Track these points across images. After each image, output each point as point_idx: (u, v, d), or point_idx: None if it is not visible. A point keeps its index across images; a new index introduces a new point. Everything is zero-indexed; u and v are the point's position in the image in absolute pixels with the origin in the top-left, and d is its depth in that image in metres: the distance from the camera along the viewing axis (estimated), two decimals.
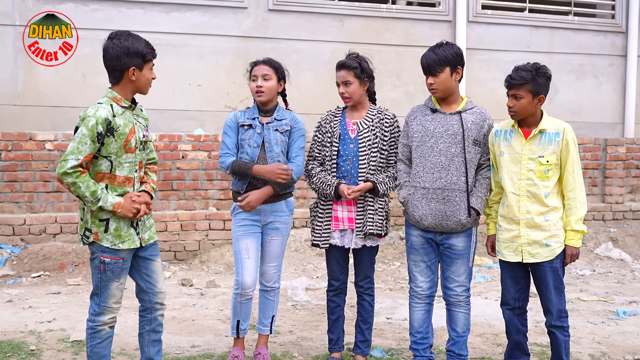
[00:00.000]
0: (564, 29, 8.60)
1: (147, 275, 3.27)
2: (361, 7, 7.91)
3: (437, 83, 3.55)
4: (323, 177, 3.81)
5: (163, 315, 3.38)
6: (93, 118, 2.95)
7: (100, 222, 3.05)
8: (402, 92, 7.97)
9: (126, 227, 3.10)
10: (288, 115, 3.90)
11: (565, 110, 8.29)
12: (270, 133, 3.81)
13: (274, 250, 3.91)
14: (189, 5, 7.33)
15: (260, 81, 3.79)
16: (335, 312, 3.95)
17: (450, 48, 3.56)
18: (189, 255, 6.84)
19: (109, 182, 3.06)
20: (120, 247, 3.07)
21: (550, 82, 3.47)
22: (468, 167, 3.57)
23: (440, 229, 3.60)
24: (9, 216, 6.47)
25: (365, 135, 3.78)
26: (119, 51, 3.04)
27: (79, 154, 2.92)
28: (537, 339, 4.51)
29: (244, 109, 3.97)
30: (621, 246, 7.65)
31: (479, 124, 3.59)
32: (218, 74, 7.41)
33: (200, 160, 6.96)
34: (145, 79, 3.14)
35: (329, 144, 3.83)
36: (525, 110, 3.44)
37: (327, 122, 3.88)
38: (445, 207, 3.56)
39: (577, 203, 3.45)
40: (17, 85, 6.95)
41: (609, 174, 8.25)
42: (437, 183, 3.57)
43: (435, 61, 3.52)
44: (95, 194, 2.95)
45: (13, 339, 4.31)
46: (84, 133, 2.94)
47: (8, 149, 6.50)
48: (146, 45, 3.11)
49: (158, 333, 3.36)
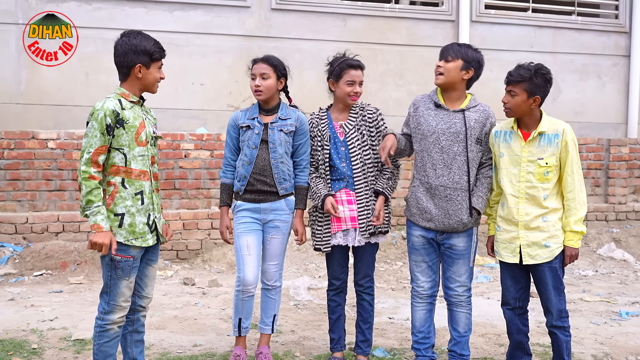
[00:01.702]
0: (567, 28, 8.58)
1: (139, 278, 3.28)
2: (364, 6, 7.90)
3: (445, 68, 3.54)
4: (315, 185, 3.82)
5: (145, 317, 3.40)
6: (101, 111, 3.00)
7: (116, 216, 3.06)
8: (404, 91, 7.96)
9: (142, 224, 3.12)
10: (292, 114, 3.89)
11: (568, 110, 8.27)
12: (274, 133, 3.81)
13: (274, 249, 3.91)
14: (192, 5, 7.33)
15: (258, 80, 3.80)
16: (336, 312, 3.95)
17: (474, 51, 3.58)
18: (191, 254, 6.84)
19: (125, 175, 3.09)
20: (134, 243, 3.08)
21: (549, 85, 3.44)
22: (470, 166, 3.56)
23: (441, 227, 3.59)
24: (12, 214, 6.47)
25: (353, 136, 3.78)
26: (126, 48, 3.09)
27: (90, 148, 2.98)
28: (539, 339, 4.50)
29: (247, 107, 3.98)
30: (624, 247, 7.63)
31: (481, 122, 3.58)
32: (221, 73, 7.41)
33: (203, 159, 6.95)
34: (153, 77, 3.17)
35: (320, 147, 3.84)
36: (519, 109, 3.42)
37: (314, 127, 3.88)
38: (448, 205, 3.55)
39: (577, 204, 3.44)
40: (20, 84, 6.95)
41: (612, 174, 8.23)
42: (439, 180, 3.56)
43: (453, 49, 3.55)
44: (90, 203, 2.97)
45: (15, 338, 4.31)
46: (94, 126, 2.99)
47: (11, 148, 6.51)
48: (154, 45, 3.15)
49: (140, 333, 3.38)
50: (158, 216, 3.25)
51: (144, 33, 3.17)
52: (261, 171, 3.79)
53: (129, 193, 3.09)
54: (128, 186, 3.09)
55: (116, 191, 3.07)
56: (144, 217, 3.13)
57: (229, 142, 3.93)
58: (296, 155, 3.91)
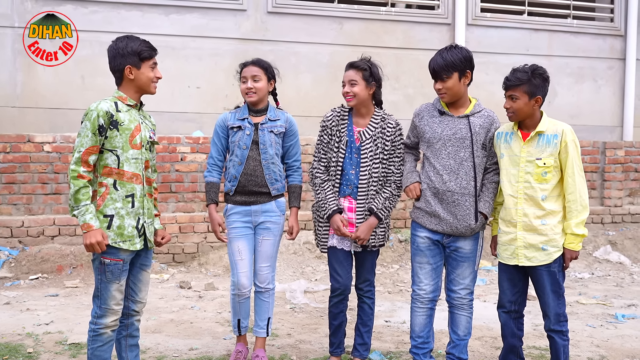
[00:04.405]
0: (563, 32, 8.61)
1: (132, 283, 3.27)
2: (360, 9, 7.92)
3: (445, 88, 3.51)
4: (324, 195, 3.78)
5: (139, 321, 3.38)
6: (95, 111, 3.01)
7: (105, 217, 3.06)
8: (401, 95, 7.97)
9: (130, 227, 3.10)
10: (281, 115, 3.92)
11: (564, 114, 8.28)
12: (265, 134, 3.83)
13: (266, 251, 3.92)
14: (188, 8, 7.34)
15: (250, 82, 3.83)
16: (338, 318, 3.93)
17: (458, 52, 3.50)
18: (188, 257, 6.83)
19: (117, 177, 3.08)
20: (121, 246, 3.07)
21: (548, 84, 3.45)
22: (477, 171, 3.55)
23: (449, 230, 3.58)
24: (7, 218, 6.46)
25: (368, 146, 3.74)
26: (114, 52, 3.13)
27: (80, 147, 2.99)
28: (535, 342, 4.50)
29: (234, 109, 3.99)
30: (620, 249, 7.65)
31: (486, 128, 3.57)
32: (217, 76, 7.41)
33: (199, 162, 6.95)
34: (146, 77, 3.17)
35: (336, 149, 3.79)
36: (522, 112, 3.43)
37: (333, 125, 3.81)
38: (456, 210, 3.54)
39: (578, 206, 3.43)
40: (15, 87, 6.94)
41: (608, 177, 8.25)
42: (446, 185, 3.55)
43: (443, 66, 3.47)
44: (78, 201, 2.96)
45: (10, 342, 4.29)
46: (87, 126, 3.00)
47: (6, 151, 6.49)
48: (142, 44, 3.15)
49: (135, 338, 3.37)
50: (148, 221, 3.23)
51: (132, 36, 3.18)
52: (252, 171, 3.82)
53: (120, 195, 3.09)
54: (119, 188, 3.09)
55: (107, 192, 3.07)
56: (133, 220, 3.12)
57: (217, 142, 3.94)
58: (287, 157, 3.95)
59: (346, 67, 3.82)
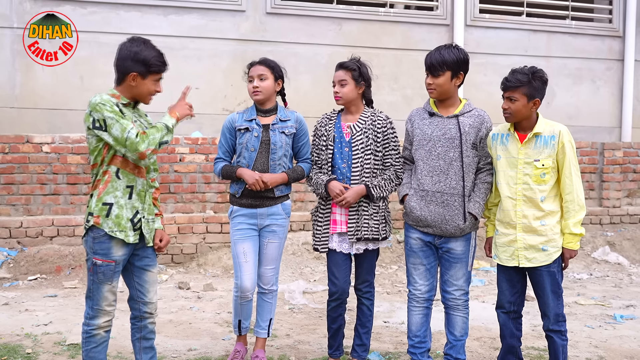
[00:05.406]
0: (561, 33, 8.62)
1: (139, 285, 3.26)
2: (359, 10, 7.93)
3: (435, 84, 3.54)
4: (318, 177, 3.82)
5: (154, 323, 3.36)
6: (105, 103, 2.99)
7: (104, 205, 3.06)
8: (399, 95, 7.98)
9: (126, 218, 3.10)
10: (291, 115, 3.92)
11: (562, 114, 8.30)
12: (276, 135, 3.82)
13: (271, 253, 3.91)
14: (187, 9, 7.34)
15: (256, 81, 3.83)
16: (336, 321, 3.93)
17: (456, 52, 3.53)
18: (186, 258, 6.83)
19: (121, 165, 3.09)
20: (117, 235, 3.06)
21: (546, 87, 3.46)
22: (465, 171, 3.56)
23: (439, 232, 3.60)
24: (6, 219, 6.45)
25: (358, 138, 3.77)
26: (126, 54, 3.08)
27: (127, 126, 2.97)
28: (534, 342, 4.51)
29: (243, 110, 3.98)
30: (618, 250, 7.66)
31: (476, 127, 3.58)
32: (216, 77, 7.41)
33: (198, 163, 6.95)
34: (146, 89, 3.15)
35: (324, 147, 3.84)
36: (520, 113, 3.43)
37: (322, 126, 3.89)
38: (444, 210, 3.56)
39: (575, 206, 3.44)
40: (14, 88, 6.94)
41: (606, 178, 8.26)
42: (436, 186, 3.57)
43: (438, 62, 3.50)
44: (159, 129, 3.07)
45: (9, 342, 4.29)
46: (110, 116, 2.97)
47: (5, 152, 6.49)
48: (156, 57, 3.11)
49: (149, 340, 3.35)
50: (150, 218, 3.23)
51: (150, 43, 3.13)
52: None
53: (121, 185, 3.09)
54: (121, 177, 3.09)
55: (109, 180, 3.07)
56: (130, 212, 3.11)
57: (224, 144, 3.93)
58: (299, 156, 3.96)
59: (336, 67, 3.85)
